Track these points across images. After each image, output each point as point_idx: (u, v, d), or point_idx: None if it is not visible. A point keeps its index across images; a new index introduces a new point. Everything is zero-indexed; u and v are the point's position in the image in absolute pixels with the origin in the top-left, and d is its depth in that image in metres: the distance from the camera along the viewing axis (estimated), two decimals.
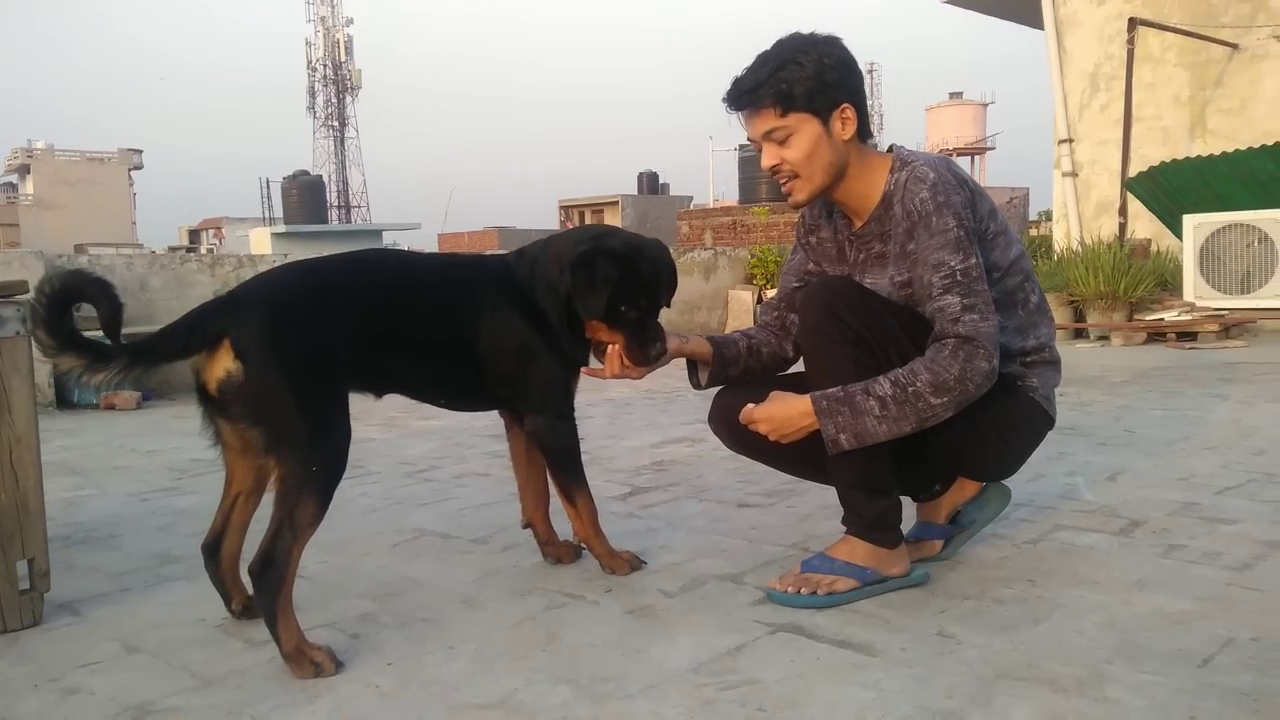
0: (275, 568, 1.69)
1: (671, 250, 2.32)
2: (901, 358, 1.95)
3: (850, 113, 1.97)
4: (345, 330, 1.83)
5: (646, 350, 2.06)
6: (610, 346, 2.10)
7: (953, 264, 1.91)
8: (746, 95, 1.98)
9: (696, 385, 2.28)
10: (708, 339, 2.24)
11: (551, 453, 2.15)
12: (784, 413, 1.97)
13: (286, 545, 1.70)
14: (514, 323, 2.06)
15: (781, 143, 1.98)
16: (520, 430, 2.22)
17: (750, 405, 2.03)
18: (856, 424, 1.90)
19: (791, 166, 1.99)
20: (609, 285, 2.00)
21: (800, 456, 2.18)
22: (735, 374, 2.25)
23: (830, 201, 2.12)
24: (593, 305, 2.02)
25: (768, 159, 2.02)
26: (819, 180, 2.01)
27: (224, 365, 1.71)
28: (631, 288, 2.03)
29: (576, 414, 2.18)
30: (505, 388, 2.11)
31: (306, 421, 1.73)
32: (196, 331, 1.72)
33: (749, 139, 2.06)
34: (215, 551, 1.94)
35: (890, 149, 2.07)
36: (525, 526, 2.35)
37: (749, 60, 2.00)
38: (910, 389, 1.88)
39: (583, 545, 2.27)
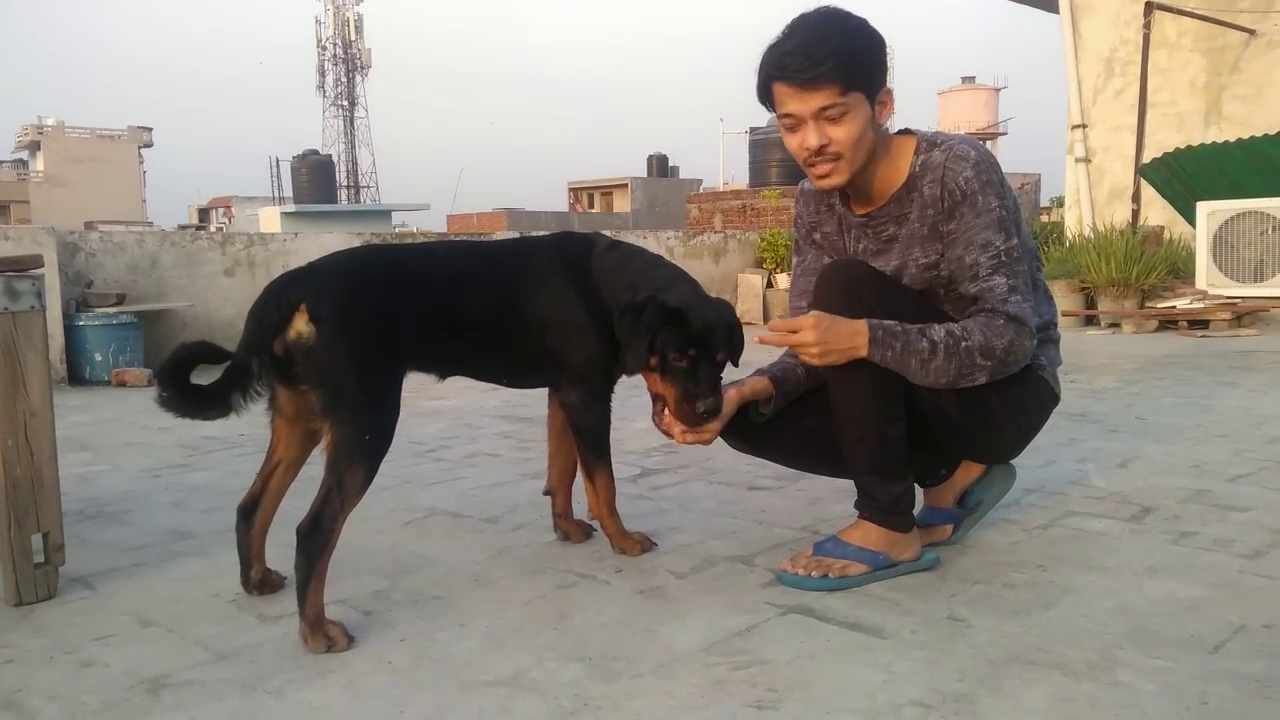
0: (321, 532, 1.73)
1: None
2: None
3: (889, 96, 1.94)
4: (412, 314, 1.89)
5: (695, 406, 1.96)
6: (665, 410, 2.04)
7: (999, 244, 1.92)
8: (809, 68, 1.83)
9: (759, 417, 2.16)
10: (764, 374, 2.15)
11: (580, 428, 2.16)
12: (836, 330, 1.88)
13: (334, 510, 1.74)
14: (568, 301, 2.06)
15: (834, 121, 1.88)
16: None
17: (798, 317, 1.93)
18: (904, 361, 1.89)
19: (838, 147, 1.89)
20: (651, 332, 1.95)
21: (809, 451, 2.18)
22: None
23: (846, 187, 2.05)
24: (636, 354, 1.98)
25: (814, 138, 1.89)
26: (859, 163, 1.93)
27: (297, 328, 1.76)
28: (679, 338, 1.96)
29: None
30: (555, 364, 2.12)
31: (365, 390, 1.79)
32: (283, 302, 1.77)
33: (786, 113, 1.90)
34: (250, 515, 1.98)
35: (905, 131, 2.04)
36: (546, 494, 2.36)
37: (785, 30, 1.88)
38: (963, 344, 1.88)
39: (595, 523, 2.27)
